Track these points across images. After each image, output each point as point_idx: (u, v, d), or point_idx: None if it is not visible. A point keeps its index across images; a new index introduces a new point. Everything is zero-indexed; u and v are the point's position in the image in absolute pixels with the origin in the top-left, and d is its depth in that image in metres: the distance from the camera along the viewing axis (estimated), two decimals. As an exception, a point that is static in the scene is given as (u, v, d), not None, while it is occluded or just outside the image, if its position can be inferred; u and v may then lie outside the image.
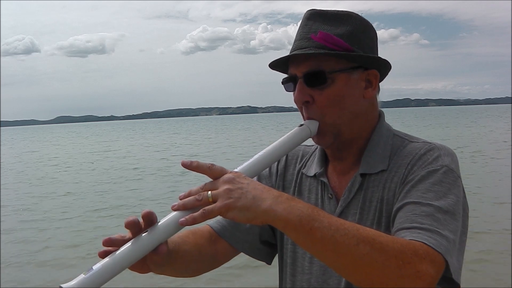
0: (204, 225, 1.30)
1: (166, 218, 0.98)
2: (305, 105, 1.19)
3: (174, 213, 0.97)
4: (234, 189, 0.94)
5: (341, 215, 1.19)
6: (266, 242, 1.33)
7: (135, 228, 0.97)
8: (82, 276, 0.88)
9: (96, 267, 0.90)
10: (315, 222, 0.93)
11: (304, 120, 1.21)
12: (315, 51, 1.14)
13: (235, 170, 1.04)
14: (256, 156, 1.10)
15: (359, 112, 1.20)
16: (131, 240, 0.96)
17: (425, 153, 1.12)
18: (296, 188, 1.31)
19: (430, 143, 1.16)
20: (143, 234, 0.96)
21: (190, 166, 0.98)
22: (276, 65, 1.23)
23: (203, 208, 0.94)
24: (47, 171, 19.34)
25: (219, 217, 1.17)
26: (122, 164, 20.54)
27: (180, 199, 0.98)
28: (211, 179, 1.00)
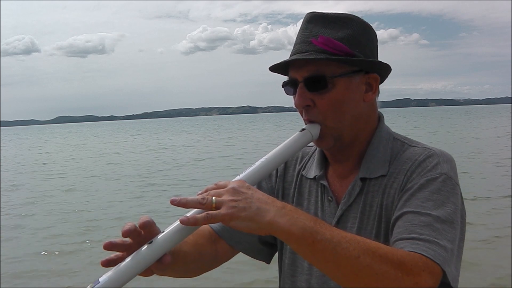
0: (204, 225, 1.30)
1: (169, 228, 0.98)
2: (305, 108, 1.19)
3: (177, 223, 0.97)
4: (239, 199, 0.94)
5: (341, 218, 1.20)
6: (266, 242, 1.34)
7: (133, 234, 0.99)
8: None
9: (102, 279, 0.91)
10: (318, 234, 0.93)
11: (305, 122, 1.21)
12: (315, 56, 1.14)
13: (238, 177, 1.04)
14: (258, 163, 1.10)
15: (360, 115, 1.20)
16: (136, 251, 0.97)
17: (424, 160, 1.12)
18: (296, 190, 1.31)
19: (429, 149, 1.16)
20: (148, 245, 0.97)
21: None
22: (276, 68, 1.23)
23: (207, 212, 0.95)
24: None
25: None
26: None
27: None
28: (218, 182, 1.01)
